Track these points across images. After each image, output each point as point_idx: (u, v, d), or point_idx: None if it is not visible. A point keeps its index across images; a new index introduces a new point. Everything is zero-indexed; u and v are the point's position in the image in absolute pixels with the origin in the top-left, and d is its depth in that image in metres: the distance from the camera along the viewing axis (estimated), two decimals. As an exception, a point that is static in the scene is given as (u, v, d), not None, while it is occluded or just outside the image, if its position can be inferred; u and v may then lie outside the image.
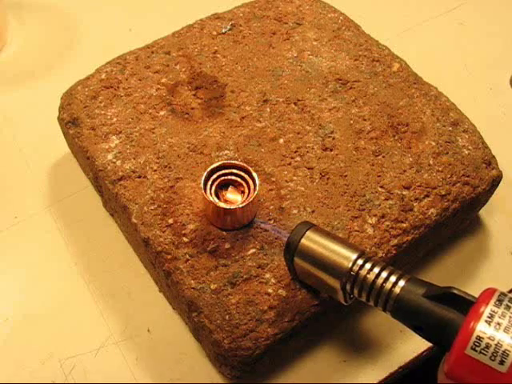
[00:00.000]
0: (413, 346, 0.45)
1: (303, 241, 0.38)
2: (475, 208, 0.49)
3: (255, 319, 0.39)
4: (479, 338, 0.29)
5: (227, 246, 0.42)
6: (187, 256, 0.42)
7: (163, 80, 0.51)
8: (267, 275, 0.41)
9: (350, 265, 0.36)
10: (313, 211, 0.44)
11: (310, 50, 0.53)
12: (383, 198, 0.44)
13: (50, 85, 0.60)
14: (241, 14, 0.56)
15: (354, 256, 0.37)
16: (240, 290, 0.40)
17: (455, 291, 0.32)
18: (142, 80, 0.51)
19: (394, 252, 0.43)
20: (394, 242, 0.43)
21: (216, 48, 0.53)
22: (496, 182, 0.48)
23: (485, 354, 0.29)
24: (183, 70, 0.52)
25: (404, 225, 0.44)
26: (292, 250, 0.39)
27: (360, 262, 0.36)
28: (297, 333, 0.41)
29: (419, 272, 0.48)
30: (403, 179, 0.45)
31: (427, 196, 0.45)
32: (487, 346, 0.29)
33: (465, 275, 0.49)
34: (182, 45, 0.53)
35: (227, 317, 0.39)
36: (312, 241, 0.38)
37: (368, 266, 0.36)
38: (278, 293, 0.40)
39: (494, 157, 0.48)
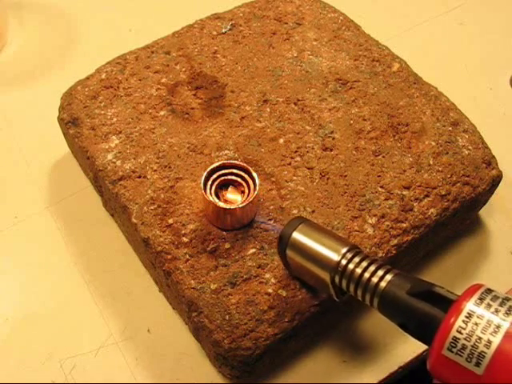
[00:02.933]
0: (413, 346, 0.44)
1: (295, 234, 0.38)
2: (475, 208, 0.49)
3: (255, 319, 0.39)
4: (455, 339, 0.28)
5: (227, 245, 0.42)
6: (187, 256, 0.42)
7: (163, 80, 0.51)
8: (267, 275, 0.41)
9: (339, 258, 0.36)
10: (313, 211, 0.44)
11: (310, 50, 0.53)
12: (383, 197, 0.44)
13: (49, 85, 0.60)
14: (241, 14, 0.56)
15: (343, 249, 0.37)
16: (240, 290, 0.40)
17: (437, 289, 0.32)
18: (142, 80, 0.51)
19: (394, 252, 0.43)
20: (394, 242, 0.43)
21: (216, 48, 0.53)
22: (496, 182, 0.48)
23: (461, 356, 0.28)
24: (183, 69, 0.52)
25: (404, 225, 0.44)
26: (284, 243, 0.39)
27: (349, 255, 0.36)
28: (297, 333, 0.41)
29: (419, 272, 0.48)
30: (403, 179, 0.45)
31: (427, 196, 0.45)
32: (463, 347, 0.28)
33: (465, 275, 0.49)
34: (182, 45, 0.53)
35: (227, 317, 0.39)
36: (304, 234, 0.38)
37: (357, 259, 0.36)
38: (277, 293, 0.40)
39: (494, 157, 0.48)
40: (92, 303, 0.46)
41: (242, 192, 0.43)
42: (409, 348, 0.45)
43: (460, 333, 0.29)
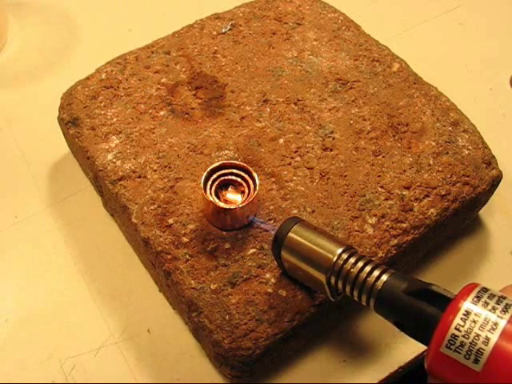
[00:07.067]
0: (413, 346, 0.44)
1: (290, 235, 0.38)
2: (475, 208, 0.49)
3: (255, 319, 0.39)
4: (454, 336, 0.29)
5: (227, 245, 0.42)
6: (187, 256, 0.42)
7: (163, 80, 0.51)
8: (267, 275, 0.41)
9: (335, 259, 0.36)
10: (313, 211, 0.44)
11: (310, 50, 0.53)
12: (383, 197, 0.44)
13: (50, 85, 0.60)
14: (241, 14, 0.56)
15: (339, 250, 0.37)
16: (240, 290, 0.40)
17: (434, 288, 0.32)
18: (142, 80, 0.51)
19: (394, 252, 0.43)
20: (394, 242, 0.43)
21: (216, 48, 0.53)
22: (496, 182, 0.48)
23: (459, 353, 0.28)
24: (183, 69, 0.52)
25: (404, 225, 0.44)
26: (279, 243, 0.39)
27: (345, 256, 0.36)
28: (297, 333, 0.41)
29: (419, 272, 0.48)
30: (403, 179, 0.45)
31: (427, 196, 0.45)
32: (462, 344, 0.28)
33: (465, 275, 0.49)
34: (182, 45, 0.53)
35: (227, 317, 0.39)
36: (299, 235, 0.38)
37: (352, 260, 0.36)
38: (278, 293, 0.40)
39: (494, 157, 0.48)
40: (92, 303, 0.46)
41: (242, 192, 0.43)
42: (409, 348, 0.45)
43: (458, 330, 0.29)
